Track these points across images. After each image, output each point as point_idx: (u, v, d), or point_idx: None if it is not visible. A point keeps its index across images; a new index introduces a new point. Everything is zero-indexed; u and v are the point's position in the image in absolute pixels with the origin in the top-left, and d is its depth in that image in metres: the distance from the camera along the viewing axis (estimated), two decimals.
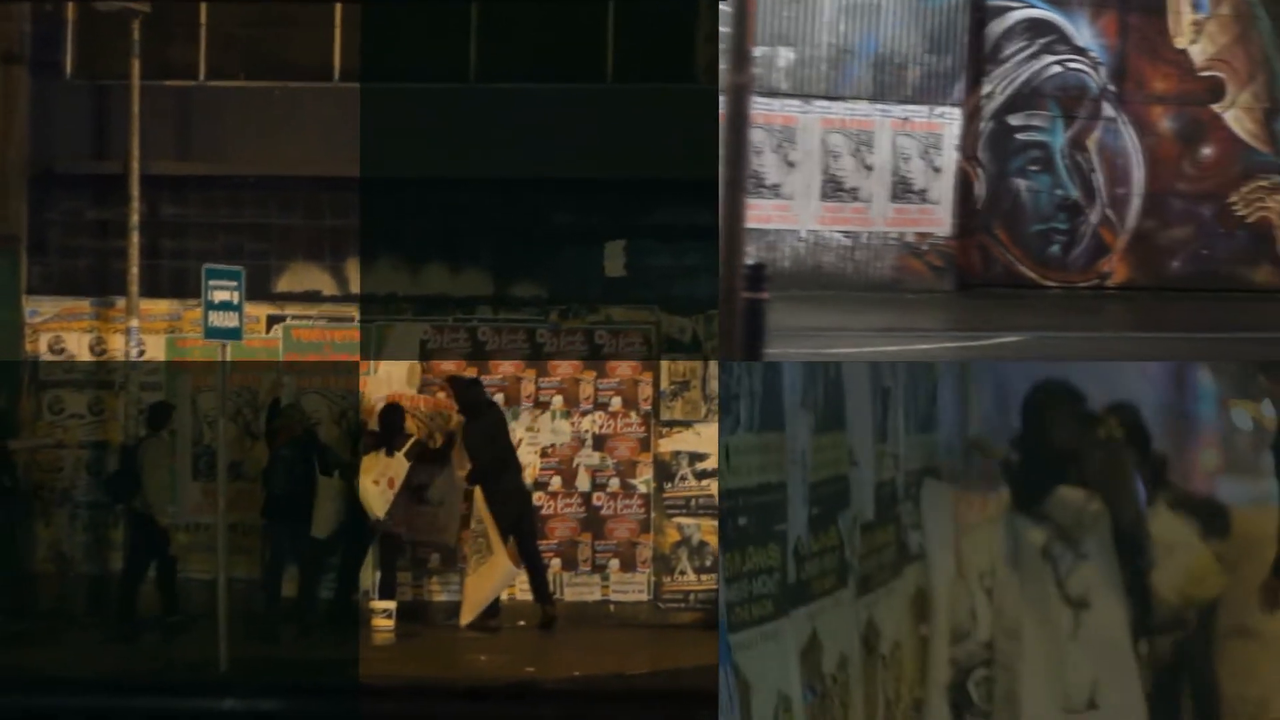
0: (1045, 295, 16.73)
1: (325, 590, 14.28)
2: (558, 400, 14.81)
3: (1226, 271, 17.45)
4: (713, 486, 14.71)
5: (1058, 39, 16.58)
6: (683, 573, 14.82)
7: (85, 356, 15.02)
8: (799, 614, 6.32)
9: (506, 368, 14.88)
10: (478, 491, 14.03)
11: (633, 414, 14.88)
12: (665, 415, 14.85)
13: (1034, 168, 16.81)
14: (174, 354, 14.90)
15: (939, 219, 16.14)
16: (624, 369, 14.90)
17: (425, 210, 15.03)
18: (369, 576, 14.32)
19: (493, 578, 13.94)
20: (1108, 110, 16.90)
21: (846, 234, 15.67)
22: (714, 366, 14.72)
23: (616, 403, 14.87)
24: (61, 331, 15.06)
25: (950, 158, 16.12)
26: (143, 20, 14.44)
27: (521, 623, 14.20)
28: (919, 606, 8.22)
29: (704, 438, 14.75)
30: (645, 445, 14.87)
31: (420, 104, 14.84)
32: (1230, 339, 14.71)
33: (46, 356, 15.03)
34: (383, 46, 14.96)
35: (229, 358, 12.60)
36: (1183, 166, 17.29)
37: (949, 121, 16.04)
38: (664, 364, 14.85)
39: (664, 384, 14.86)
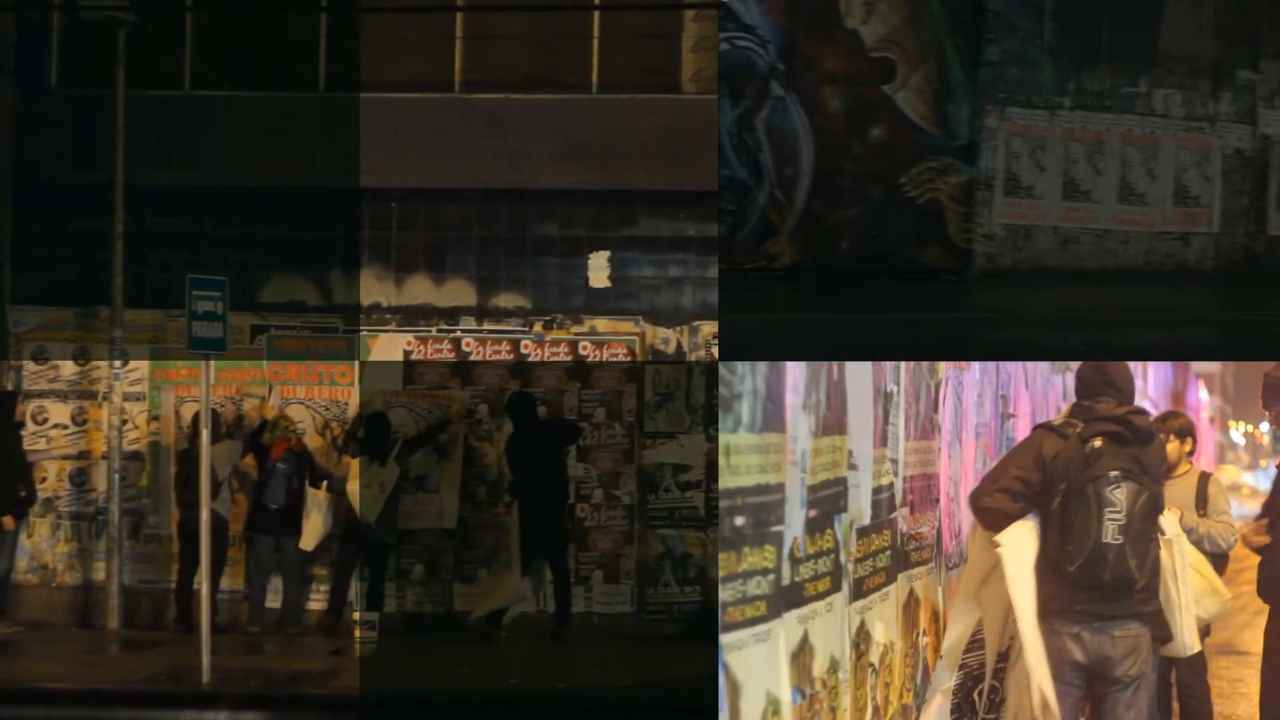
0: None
1: (313, 602, 14.32)
2: (542, 411, 14.78)
3: (896, 252, 17.09)
4: (696, 498, 14.72)
5: (724, 16, 16.08)
6: (666, 584, 14.81)
7: (69, 367, 15.00)
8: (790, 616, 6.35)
9: (490, 378, 14.87)
10: (517, 505, 14.07)
11: (616, 425, 14.88)
12: (649, 426, 14.85)
13: None
14: (157, 364, 14.89)
15: None
16: (608, 380, 14.90)
17: (410, 220, 15.04)
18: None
19: (502, 590, 14.10)
20: (776, 89, 16.53)
21: None
22: (698, 377, 14.73)
23: (600, 414, 14.87)
24: (45, 341, 15.03)
25: None
26: (128, 30, 14.42)
27: (505, 635, 14.20)
28: (912, 613, 8.22)
29: (688, 449, 14.75)
30: (629, 456, 14.87)
31: (406, 114, 14.86)
32: (899, 320, 14.57)
33: (30, 366, 15.00)
34: (369, 57, 14.97)
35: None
36: (852, 147, 16.91)
37: None
38: (648, 375, 14.86)
39: (648, 395, 14.86)
